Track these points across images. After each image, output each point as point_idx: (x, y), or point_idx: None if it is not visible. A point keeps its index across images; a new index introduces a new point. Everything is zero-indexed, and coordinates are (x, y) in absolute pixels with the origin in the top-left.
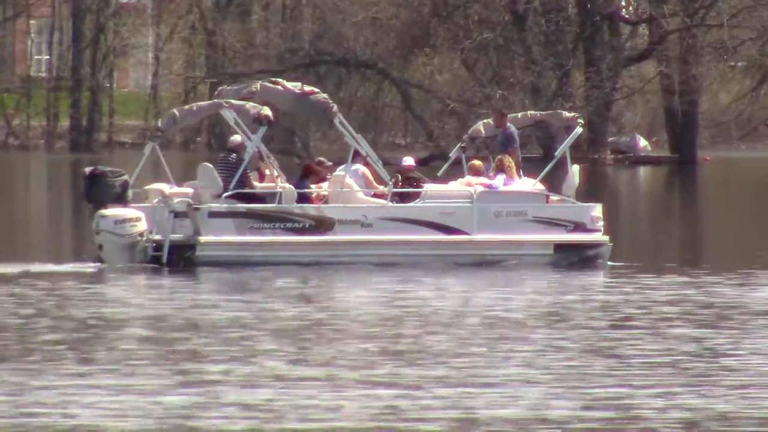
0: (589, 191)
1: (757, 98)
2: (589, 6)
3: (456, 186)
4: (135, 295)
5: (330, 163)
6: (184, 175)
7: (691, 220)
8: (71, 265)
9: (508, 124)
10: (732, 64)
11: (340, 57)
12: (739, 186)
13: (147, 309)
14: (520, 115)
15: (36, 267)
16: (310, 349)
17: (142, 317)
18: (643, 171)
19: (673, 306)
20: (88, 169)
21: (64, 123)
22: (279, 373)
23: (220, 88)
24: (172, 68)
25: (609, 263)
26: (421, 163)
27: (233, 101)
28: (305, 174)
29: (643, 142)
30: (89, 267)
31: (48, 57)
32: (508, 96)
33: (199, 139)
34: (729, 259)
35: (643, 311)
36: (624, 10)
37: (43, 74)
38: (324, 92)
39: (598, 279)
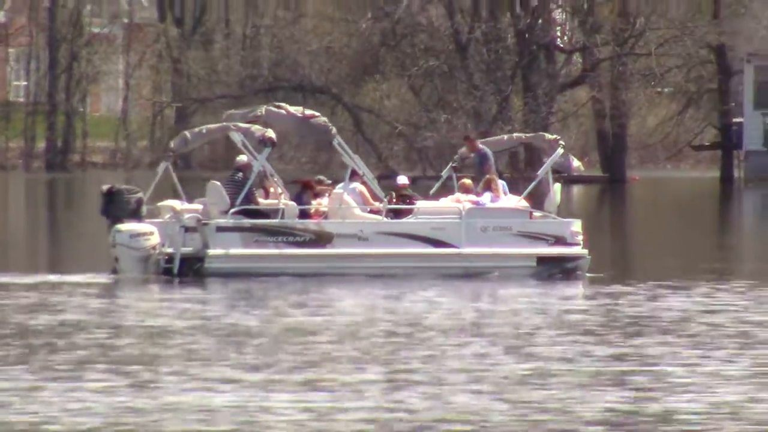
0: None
1: (683, 122)
2: (526, 36)
3: (446, 203)
4: (158, 305)
5: (329, 181)
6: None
7: (620, 235)
8: (85, 275)
9: (480, 146)
10: (659, 90)
11: (296, 83)
12: (665, 203)
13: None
14: (506, 137)
15: (53, 277)
16: (254, 355)
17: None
18: (576, 189)
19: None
20: (105, 187)
21: (41, 144)
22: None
23: (228, 111)
24: (141, 93)
25: (587, 275)
26: (412, 181)
27: (240, 124)
28: (303, 189)
29: (576, 163)
30: (106, 278)
31: (26, 83)
32: (452, 119)
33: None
34: (645, 270)
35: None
36: (559, 39)
37: (21, 99)
38: None
39: (575, 290)
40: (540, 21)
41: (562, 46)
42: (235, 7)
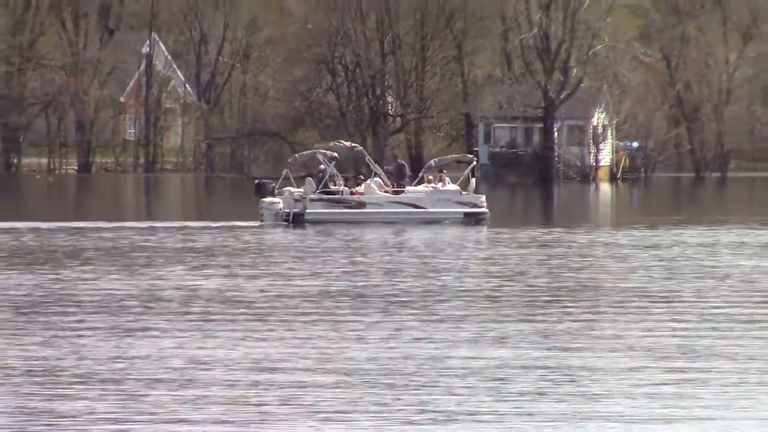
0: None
1: (450, 151)
2: (374, 108)
3: (422, 188)
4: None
5: (362, 177)
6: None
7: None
8: (250, 222)
9: (399, 160)
10: (439, 134)
11: (263, 130)
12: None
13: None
14: (449, 156)
15: (239, 223)
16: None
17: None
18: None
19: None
20: (256, 180)
21: (141, 159)
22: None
23: (315, 145)
24: (189, 136)
25: (487, 222)
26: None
27: (321, 150)
28: (349, 180)
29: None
30: (257, 223)
31: (134, 129)
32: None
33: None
34: (516, 222)
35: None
36: (390, 108)
37: (132, 138)
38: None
39: (478, 234)
40: (381, 102)
41: (391, 113)
42: (235, 87)
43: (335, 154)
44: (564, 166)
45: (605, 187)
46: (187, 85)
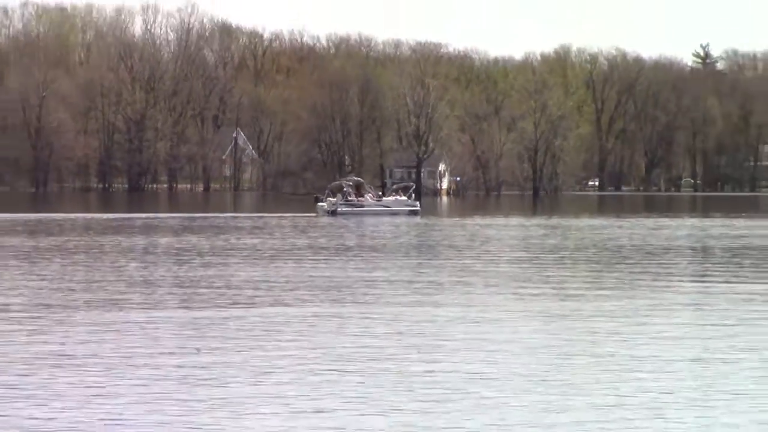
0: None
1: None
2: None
3: (389, 198)
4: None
5: (369, 186)
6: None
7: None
8: (306, 214)
9: (358, 179)
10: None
11: None
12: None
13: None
14: (402, 183)
15: (303, 214)
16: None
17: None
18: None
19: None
20: (314, 196)
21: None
22: None
23: (339, 178)
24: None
25: (420, 215)
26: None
27: (344, 181)
28: (357, 190)
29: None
30: (313, 215)
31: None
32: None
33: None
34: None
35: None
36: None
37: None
38: None
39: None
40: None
41: (347, 164)
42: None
43: (350, 182)
44: (425, 188)
45: (444, 199)
46: (251, 148)
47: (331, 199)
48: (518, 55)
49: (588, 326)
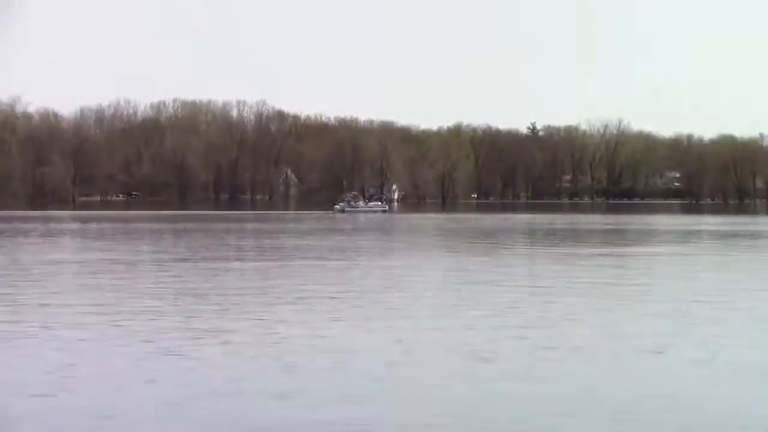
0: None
1: None
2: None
3: (371, 203)
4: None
5: (360, 197)
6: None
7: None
8: (324, 212)
9: (354, 193)
10: None
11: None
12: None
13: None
14: (377, 195)
15: (318, 212)
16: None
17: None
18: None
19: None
20: (335, 203)
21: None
22: None
23: (347, 192)
24: None
25: (387, 212)
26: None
27: (351, 194)
28: (355, 198)
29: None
30: (332, 214)
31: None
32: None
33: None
34: (409, 208)
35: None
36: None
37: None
38: None
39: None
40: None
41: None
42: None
43: (351, 195)
44: (386, 198)
45: (396, 204)
46: (294, 176)
47: (341, 203)
48: (435, 127)
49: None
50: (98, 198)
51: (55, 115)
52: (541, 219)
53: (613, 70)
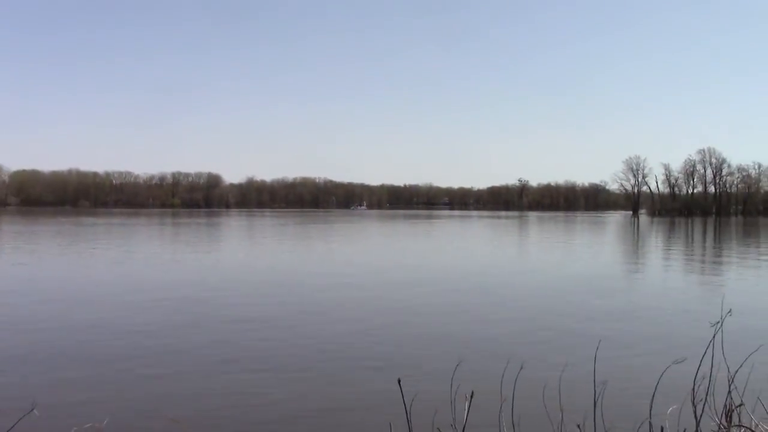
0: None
1: None
2: None
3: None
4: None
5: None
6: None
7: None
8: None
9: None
10: None
11: None
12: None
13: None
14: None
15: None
16: None
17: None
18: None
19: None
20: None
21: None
22: None
23: (356, 203)
24: None
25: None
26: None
27: (359, 203)
28: (360, 205)
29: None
30: (350, 215)
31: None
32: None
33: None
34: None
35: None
36: None
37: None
38: None
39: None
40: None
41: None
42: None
43: (360, 205)
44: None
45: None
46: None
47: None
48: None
49: None
50: None
51: None
52: None
53: None
